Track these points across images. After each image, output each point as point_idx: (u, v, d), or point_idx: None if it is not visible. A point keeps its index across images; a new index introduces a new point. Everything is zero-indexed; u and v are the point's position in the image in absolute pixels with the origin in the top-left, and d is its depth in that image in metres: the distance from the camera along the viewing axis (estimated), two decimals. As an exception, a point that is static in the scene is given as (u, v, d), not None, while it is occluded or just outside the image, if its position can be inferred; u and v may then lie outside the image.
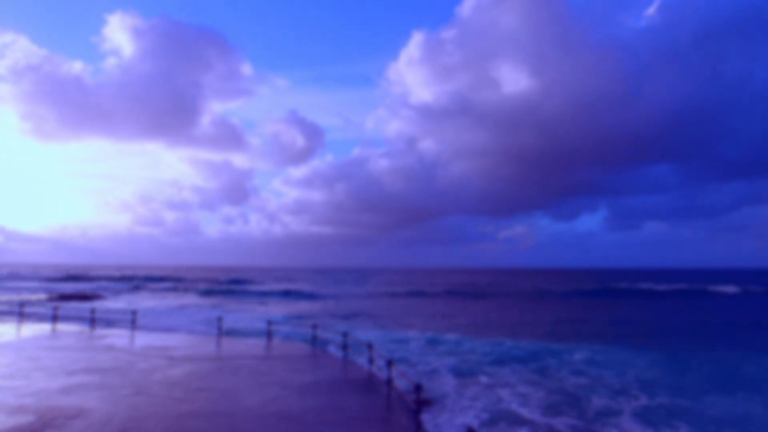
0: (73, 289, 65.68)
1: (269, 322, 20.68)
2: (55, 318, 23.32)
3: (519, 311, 43.31)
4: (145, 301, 49.04)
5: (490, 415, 12.22)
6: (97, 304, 40.48)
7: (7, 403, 9.81)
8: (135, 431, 8.27)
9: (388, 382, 12.07)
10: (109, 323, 25.11)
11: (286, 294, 62.78)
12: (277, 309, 41.99)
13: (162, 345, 17.75)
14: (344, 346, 15.95)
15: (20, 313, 24.79)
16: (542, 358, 19.46)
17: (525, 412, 12.54)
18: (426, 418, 11.15)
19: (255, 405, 10.04)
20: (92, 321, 23.18)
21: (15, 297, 47.25)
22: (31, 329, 21.56)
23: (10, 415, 8.96)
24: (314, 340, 18.33)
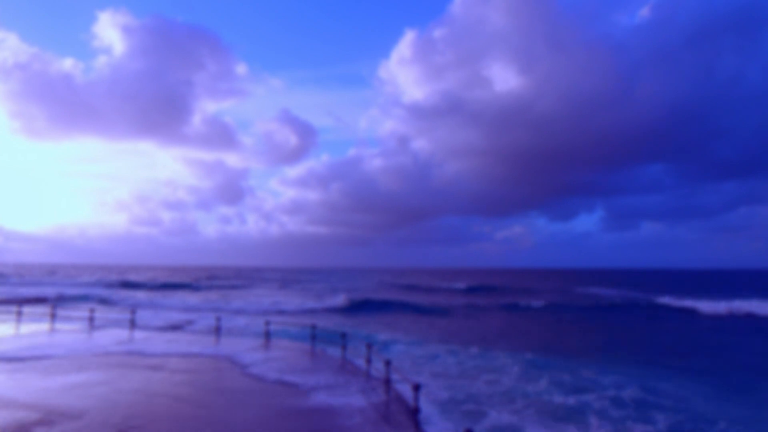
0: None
1: (267, 322, 20.77)
2: (52, 317, 23.34)
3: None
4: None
5: None
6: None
7: (7, 401, 9.87)
8: (134, 431, 8.35)
9: (386, 382, 12.19)
10: (108, 322, 25.11)
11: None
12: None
13: (160, 344, 17.79)
14: (342, 347, 16.08)
15: (18, 312, 24.79)
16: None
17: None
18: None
19: (256, 404, 10.13)
20: (90, 320, 23.24)
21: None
22: (29, 329, 21.56)
23: (10, 414, 9.01)
24: (313, 340, 18.42)
